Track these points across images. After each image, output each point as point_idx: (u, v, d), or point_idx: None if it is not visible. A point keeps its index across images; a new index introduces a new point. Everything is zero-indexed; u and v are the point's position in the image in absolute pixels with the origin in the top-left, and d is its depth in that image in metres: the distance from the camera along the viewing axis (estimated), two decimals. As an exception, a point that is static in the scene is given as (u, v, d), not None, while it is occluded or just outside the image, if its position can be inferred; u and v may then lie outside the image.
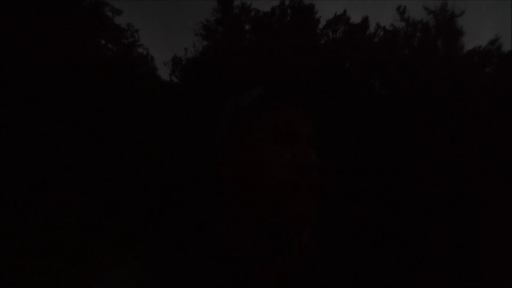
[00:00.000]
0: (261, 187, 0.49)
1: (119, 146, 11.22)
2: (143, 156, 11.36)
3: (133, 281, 0.49)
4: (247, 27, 16.48)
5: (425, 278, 7.89)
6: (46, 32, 10.16)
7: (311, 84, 10.47)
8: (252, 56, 12.92)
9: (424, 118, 11.28)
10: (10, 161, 8.38)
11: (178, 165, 10.98)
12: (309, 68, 11.58)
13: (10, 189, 7.73)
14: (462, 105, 11.80)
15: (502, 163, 10.54)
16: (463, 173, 10.54)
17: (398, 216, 10.16)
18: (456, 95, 11.98)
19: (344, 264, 0.53)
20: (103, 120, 11.31)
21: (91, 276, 5.04)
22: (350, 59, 14.18)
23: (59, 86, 10.32)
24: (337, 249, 0.56)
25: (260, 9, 16.46)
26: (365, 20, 15.34)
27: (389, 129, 11.38)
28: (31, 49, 9.56)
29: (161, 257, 0.52)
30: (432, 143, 10.98)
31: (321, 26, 16.47)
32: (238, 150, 0.54)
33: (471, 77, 13.04)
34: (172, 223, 8.88)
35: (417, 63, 12.86)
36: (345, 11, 15.75)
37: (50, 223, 7.26)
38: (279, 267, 0.51)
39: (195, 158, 9.60)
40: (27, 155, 9.13)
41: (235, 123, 0.56)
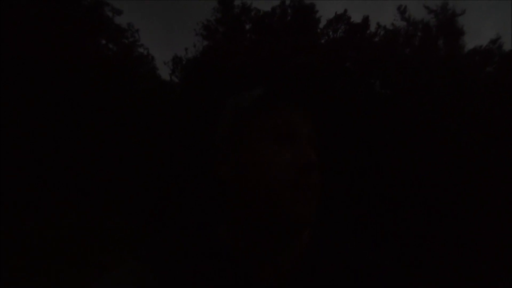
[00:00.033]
0: (261, 187, 0.49)
1: (119, 146, 11.24)
2: (143, 156, 11.37)
3: (133, 281, 0.49)
4: (247, 27, 16.50)
5: (425, 278, 7.88)
6: (46, 32, 10.17)
7: (311, 84, 10.47)
8: (252, 56, 12.92)
9: (425, 118, 11.28)
10: (10, 161, 8.39)
11: (178, 165, 10.98)
12: (310, 67, 11.58)
13: (10, 189, 7.74)
14: (463, 105, 11.79)
15: (502, 163, 10.53)
16: (463, 173, 10.53)
17: (398, 216, 10.15)
18: (457, 94, 11.97)
19: (344, 264, 0.53)
20: (103, 120, 11.32)
21: (91, 276, 5.04)
22: (351, 59, 14.18)
23: (59, 86, 10.33)
24: (337, 249, 0.55)
25: (261, 8, 16.45)
26: (365, 20, 15.34)
27: (389, 129, 11.37)
28: (31, 49, 9.57)
29: (161, 257, 0.52)
30: (432, 143, 10.97)
31: (321, 25, 16.52)
32: (238, 150, 0.54)
33: (472, 77, 13.02)
34: (172, 223, 8.89)
35: (418, 63, 12.85)
36: (345, 10, 15.79)
37: (50, 223, 7.28)
38: (279, 267, 0.51)
39: (195, 158, 9.60)
40: (27, 155, 9.13)
41: (235, 123, 0.56)
